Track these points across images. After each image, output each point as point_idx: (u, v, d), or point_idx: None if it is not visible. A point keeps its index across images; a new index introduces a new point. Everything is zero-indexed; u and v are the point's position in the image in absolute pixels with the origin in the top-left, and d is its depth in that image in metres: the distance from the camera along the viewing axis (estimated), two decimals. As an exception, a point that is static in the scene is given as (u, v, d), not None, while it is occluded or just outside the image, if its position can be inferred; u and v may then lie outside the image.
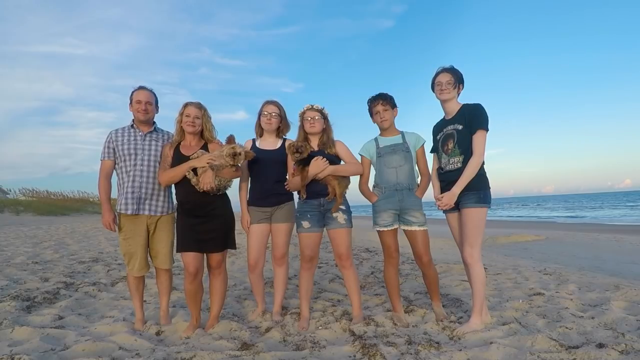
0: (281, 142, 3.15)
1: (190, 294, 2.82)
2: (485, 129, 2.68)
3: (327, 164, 2.85)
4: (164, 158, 2.88)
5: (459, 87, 2.80)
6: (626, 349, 2.22)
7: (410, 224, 2.90)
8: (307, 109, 2.98)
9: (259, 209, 3.10)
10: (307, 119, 2.96)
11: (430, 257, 2.95)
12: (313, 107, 2.98)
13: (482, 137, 2.67)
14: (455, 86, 2.77)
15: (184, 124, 2.82)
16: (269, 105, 3.12)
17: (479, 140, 2.67)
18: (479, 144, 2.66)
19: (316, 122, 2.95)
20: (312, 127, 2.95)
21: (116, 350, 2.48)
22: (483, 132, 2.68)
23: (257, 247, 3.13)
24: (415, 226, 2.89)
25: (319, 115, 2.97)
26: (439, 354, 2.31)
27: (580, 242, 9.81)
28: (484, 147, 2.68)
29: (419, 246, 2.91)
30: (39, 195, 27.37)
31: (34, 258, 6.17)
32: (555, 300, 3.35)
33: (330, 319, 3.03)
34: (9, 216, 18.07)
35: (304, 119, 2.98)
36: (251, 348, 2.47)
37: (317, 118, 2.95)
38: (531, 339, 2.41)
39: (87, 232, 11.28)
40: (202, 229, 2.78)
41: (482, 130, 2.67)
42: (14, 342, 2.57)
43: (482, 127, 2.68)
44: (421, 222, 2.90)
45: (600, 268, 5.92)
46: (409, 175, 2.94)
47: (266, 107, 3.12)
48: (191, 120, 2.80)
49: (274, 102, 3.14)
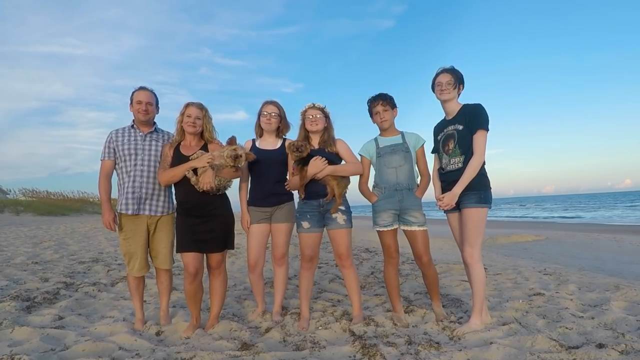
0: (281, 142, 3.15)
1: (190, 294, 2.82)
2: (486, 129, 2.68)
3: (325, 164, 2.84)
4: (163, 158, 2.88)
5: (459, 88, 2.81)
6: (626, 349, 2.22)
7: (410, 224, 2.90)
8: (309, 107, 2.98)
9: (259, 209, 3.11)
10: (308, 117, 2.96)
11: (430, 257, 2.95)
12: (315, 106, 2.98)
13: (483, 137, 2.67)
14: (455, 86, 2.77)
15: (184, 124, 2.82)
16: (269, 106, 3.12)
17: (479, 140, 2.67)
18: (480, 144, 2.66)
19: (318, 120, 2.95)
20: (314, 126, 2.95)
21: (116, 350, 2.48)
22: (483, 132, 2.68)
23: (257, 247, 3.13)
24: (415, 226, 2.89)
25: (321, 113, 2.97)
26: (439, 354, 2.31)
27: (580, 242, 9.82)
28: (485, 147, 2.68)
29: (419, 246, 2.91)
30: (39, 196, 27.38)
31: (34, 258, 6.17)
32: (555, 300, 3.35)
33: (330, 319, 3.03)
34: (9, 216, 18.07)
35: (306, 117, 2.98)
36: (251, 348, 2.48)
37: (319, 117, 2.96)
38: (531, 339, 2.41)
39: (87, 232, 11.27)
40: (201, 229, 2.78)
41: (483, 130, 2.67)
42: (14, 342, 2.57)
43: (482, 127, 2.68)
44: (421, 222, 2.90)
45: (600, 268, 5.92)
46: (408, 175, 2.94)
47: (266, 107, 3.12)
48: (192, 121, 2.81)
49: (274, 102, 3.15)
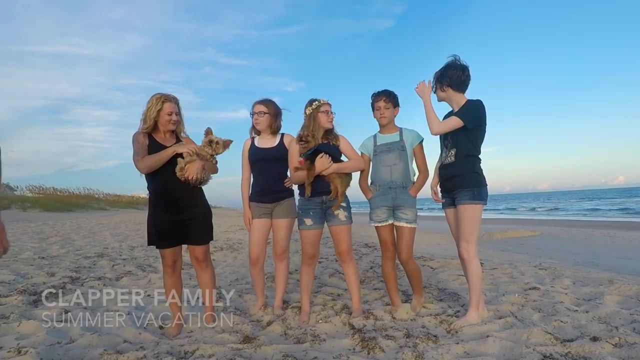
0: (279, 139, 3.19)
1: (170, 288, 2.82)
2: (461, 118, 2.70)
3: (331, 163, 2.88)
4: (140, 145, 2.69)
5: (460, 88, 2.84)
6: (620, 342, 2.25)
7: (400, 220, 2.95)
8: (324, 102, 2.95)
9: (259, 204, 3.17)
10: (324, 111, 2.94)
11: (410, 254, 2.97)
12: (328, 102, 2.97)
13: (454, 120, 2.71)
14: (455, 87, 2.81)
15: (164, 121, 2.71)
16: (257, 105, 3.17)
17: (450, 119, 2.73)
18: (445, 121, 2.74)
19: (332, 116, 2.98)
20: (331, 122, 2.97)
21: (121, 343, 2.52)
22: (456, 119, 2.71)
23: (258, 241, 3.19)
24: (403, 222, 2.93)
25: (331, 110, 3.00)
26: (437, 347, 2.35)
27: (575, 237, 9.89)
28: (446, 125, 2.74)
29: (402, 242, 2.96)
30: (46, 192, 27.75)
31: (40, 253, 6.21)
32: (550, 294, 3.39)
33: (331, 312, 3.08)
34: (16, 212, 18.13)
35: (321, 111, 2.93)
36: (253, 341, 2.52)
37: (332, 113, 2.98)
38: (527, 333, 2.45)
39: (92, 227, 11.35)
40: (182, 221, 2.72)
41: (457, 118, 2.71)
42: (21, 336, 2.60)
43: (458, 116, 2.71)
44: (410, 219, 2.93)
45: (595, 263, 5.96)
46: (402, 173, 2.97)
47: (254, 107, 3.18)
48: (174, 120, 2.74)
49: (262, 101, 3.18)
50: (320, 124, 2.93)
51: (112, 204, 28.67)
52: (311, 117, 2.92)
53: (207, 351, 2.38)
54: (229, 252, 6.70)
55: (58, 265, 5.14)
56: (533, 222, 18.26)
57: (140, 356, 2.29)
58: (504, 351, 2.27)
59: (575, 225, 14.50)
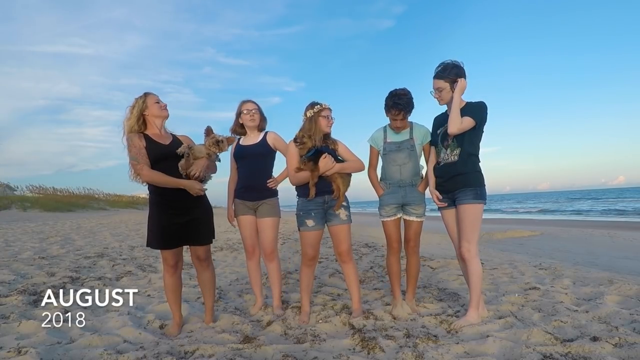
0: (262, 136, 3.25)
1: (171, 288, 2.81)
2: (475, 120, 2.72)
3: (334, 163, 2.90)
4: (138, 150, 2.56)
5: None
6: (620, 342, 2.25)
7: (409, 215, 3.07)
8: (325, 107, 2.94)
9: (243, 202, 3.25)
10: (325, 116, 2.94)
11: (417, 242, 3.10)
12: (329, 107, 2.97)
13: (468, 121, 2.72)
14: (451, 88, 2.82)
15: (154, 110, 2.67)
16: (249, 103, 3.25)
17: (466, 119, 2.72)
18: (465, 120, 2.72)
19: (332, 121, 2.98)
20: (329, 127, 2.98)
21: (121, 343, 2.52)
22: (470, 120, 2.72)
23: (249, 234, 3.29)
24: (413, 217, 3.06)
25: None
26: (437, 347, 2.35)
27: (575, 237, 9.87)
28: (464, 127, 2.72)
29: (411, 232, 3.08)
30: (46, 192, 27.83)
31: (40, 253, 6.23)
32: (550, 294, 3.39)
33: (331, 312, 3.08)
34: (16, 212, 18.18)
35: (322, 116, 2.92)
36: (253, 341, 2.52)
37: (332, 118, 2.99)
38: (527, 333, 2.45)
39: (92, 227, 11.37)
40: (185, 221, 2.69)
41: (470, 119, 2.72)
42: (21, 336, 2.61)
43: (472, 116, 2.72)
44: (419, 214, 3.07)
45: (595, 263, 5.95)
46: (412, 172, 3.04)
47: (246, 105, 3.24)
48: (163, 104, 2.71)
49: (250, 100, 3.28)
50: (319, 128, 2.93)
51: (112, 204, 28.74)
52: (312, 120, 2.91)
53: (207, 351, 2.38)
54: (229, 252, 6.70)
55: (58, 265, 5.14)
56: (533, 222, 18.24)
57: (140, 356, 2.29)
58: (504, 351, 2.27)
59: (575, 225, 14.49)
